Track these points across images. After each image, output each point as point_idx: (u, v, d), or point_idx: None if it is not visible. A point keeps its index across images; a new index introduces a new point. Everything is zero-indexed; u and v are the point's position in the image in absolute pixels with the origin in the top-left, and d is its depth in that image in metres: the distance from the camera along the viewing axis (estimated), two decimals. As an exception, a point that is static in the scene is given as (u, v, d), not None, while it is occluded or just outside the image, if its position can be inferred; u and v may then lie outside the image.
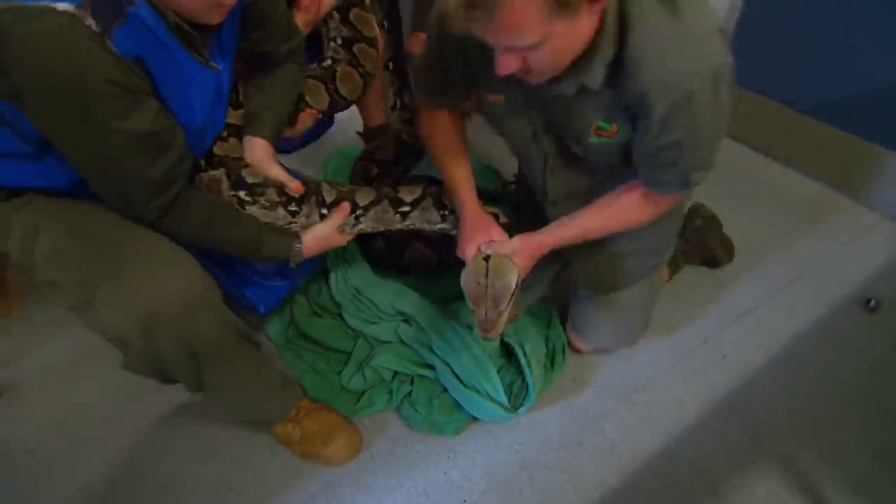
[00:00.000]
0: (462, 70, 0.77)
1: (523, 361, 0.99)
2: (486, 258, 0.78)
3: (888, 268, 1.29)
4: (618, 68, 0.61)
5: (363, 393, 1.03)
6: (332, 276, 1.18)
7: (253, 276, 0.96)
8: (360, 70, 1.07)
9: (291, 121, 0.97)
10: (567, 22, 0.53)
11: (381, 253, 1.18)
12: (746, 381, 1.07)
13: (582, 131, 0.72)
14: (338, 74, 1.04)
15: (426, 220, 0.95)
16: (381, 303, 1.11)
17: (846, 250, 1.34)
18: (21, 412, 1.07)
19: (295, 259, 0.85)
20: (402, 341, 1.07)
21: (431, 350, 1.03)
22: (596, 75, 0.61)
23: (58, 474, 0.97)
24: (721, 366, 1.10)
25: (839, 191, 1.50)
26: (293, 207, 0.85)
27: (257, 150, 0.86)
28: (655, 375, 1.08)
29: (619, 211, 0.78)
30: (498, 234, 0.81)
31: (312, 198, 0.87)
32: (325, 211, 0.88)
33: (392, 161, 1.30)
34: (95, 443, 1.01)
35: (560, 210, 0.85)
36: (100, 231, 0.71)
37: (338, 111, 1.14)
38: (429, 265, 1.18)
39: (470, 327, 1.03)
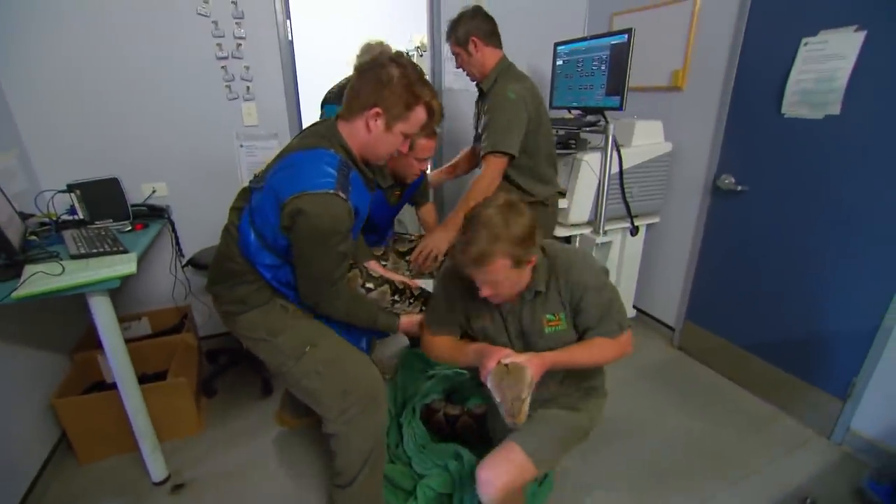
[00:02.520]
0: (462, 307, 1.22)
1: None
2: (506, 366, 1.01)
3: (821, 472, 1.67)
4: (552, 276, 1.13)
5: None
6: (405, 437, 1.72)
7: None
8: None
9: None
10: (517, 271, 1.03)
11: (441, 423, 1.72)
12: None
13: (539, 327, 1.15)
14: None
15: None
16: (436, 458, 1.61)
17: (788, 457, 1.74)
18: (194, 502, 1.60)
19: (394, 330, 1.35)
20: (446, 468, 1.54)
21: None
22: (540, 283, 1.12)
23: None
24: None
25: (783, 409, 1.98)
26: (411, 301, 1.42)
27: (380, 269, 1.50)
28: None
29: (596, 350, 1.13)
30: (511, 353, 1.05)
31: (421, 301, 1.44)
32: (421, 308, 1.42)
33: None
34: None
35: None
36: (336, 351, 1.29)
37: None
38: (473, 434, 1.70)
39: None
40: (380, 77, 1.10)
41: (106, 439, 1.72)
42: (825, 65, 1.65)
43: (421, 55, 3.73)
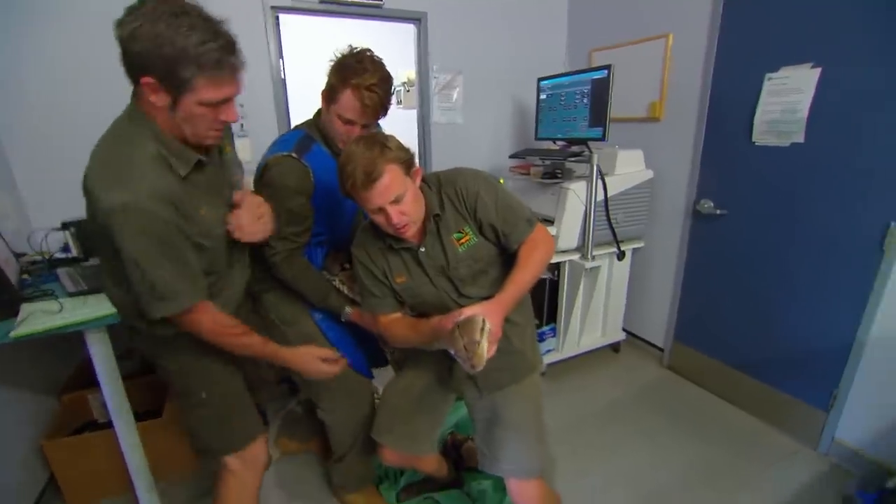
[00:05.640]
0: (382, 274, 1.18)
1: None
2: (457, 325, 0.95)
3: (810, 483, 1.72)
4: (442, 194, 1.13)
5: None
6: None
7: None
8: None
9: None
10: (411, 182, 1.05)
11: (447, 446, 1.75)
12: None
13: (453, 252, 1.13)
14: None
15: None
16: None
17: (777, 470, 1.79)
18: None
19: (344, 316, 1.36)
20: None
21: None
22: (435, 206, 1.12)
23: None
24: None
25: (771, 423, 2.04)
26: None
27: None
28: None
29: (530, 260, 1.09)
30: (463, 311, 0.98)
31: None
32: None
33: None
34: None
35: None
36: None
37: None
38: (476, 458, 1.73)
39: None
40: (332, 66, 1.24)
41: (97, 482, 1.67)
42: (788, 98, 1.79)
43: (408, 90, 3.86)
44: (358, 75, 1.18)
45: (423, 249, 1.15)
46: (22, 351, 1.63)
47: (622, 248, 2.34)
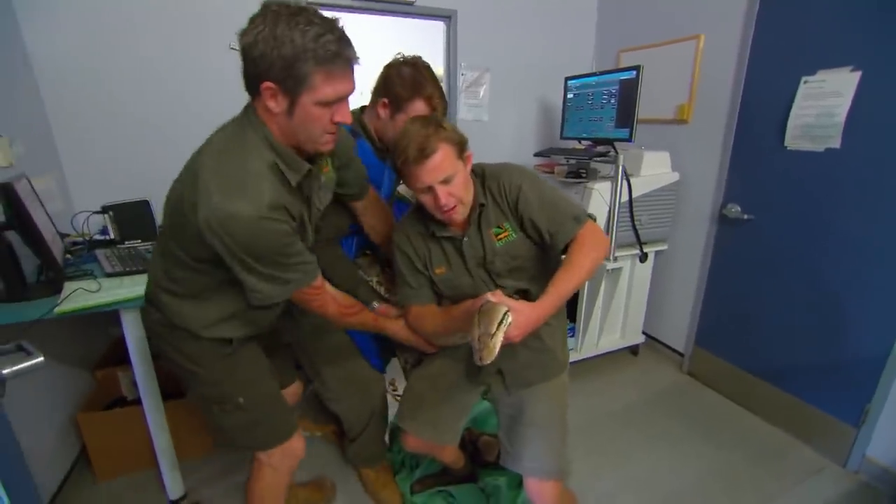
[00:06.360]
0: (422, 264, 1.18)
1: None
2: (480, 307, 0.95)
3: (838, 502, 1.66)
4: (486, 187, 1.14)
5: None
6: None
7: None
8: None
9: None
10: (462, 165, 1.06)
11: (464, 440, 1.75)
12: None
13: (491, 246, 1.13)
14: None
15: None
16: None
17: (802, 486, 1.74)
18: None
19: (369, 305, 1.35)
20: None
21: None
22: (480, 195, 1.12)
23: None
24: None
25: (796, 436, 1.98)
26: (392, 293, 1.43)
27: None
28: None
29: (578, 265, 1.03)
30: (497, 293, 0.99)
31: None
32: None
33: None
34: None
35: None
36: (343, 345, 1.48)
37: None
38: (492, 452, 1.74)
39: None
40: (390, 74, 1.30)
41: (124, 456, 1.74)
42: (824, 101, 1.74)
43: (434, 87, 3.88)
44: (424, 87, 1.29)
45: (466, 239, 1.15)
46: (63, 327, 1.73)
47: (645, 251, 2.31)
